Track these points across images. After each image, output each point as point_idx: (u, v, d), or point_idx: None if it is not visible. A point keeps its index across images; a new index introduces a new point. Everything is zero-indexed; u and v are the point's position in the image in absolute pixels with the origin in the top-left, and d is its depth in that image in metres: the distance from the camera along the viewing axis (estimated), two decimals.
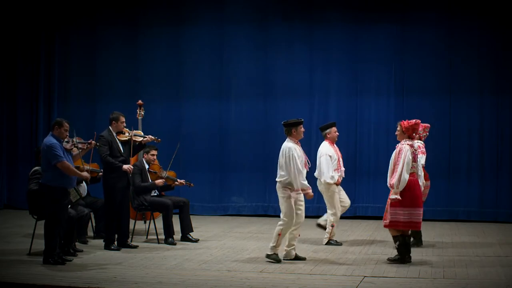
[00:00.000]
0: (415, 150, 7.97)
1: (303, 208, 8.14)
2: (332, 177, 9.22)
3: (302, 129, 8.26)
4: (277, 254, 8.07)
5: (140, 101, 10.20)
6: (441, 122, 12.01)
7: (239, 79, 12.90)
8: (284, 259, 8.11)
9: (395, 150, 7.96)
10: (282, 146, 8.14)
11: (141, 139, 9.18)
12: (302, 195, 8.12)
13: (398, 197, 7.75)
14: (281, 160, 8.05)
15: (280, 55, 12.74)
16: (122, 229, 8.99)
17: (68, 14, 13.53)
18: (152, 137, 9.21)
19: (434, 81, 12.15)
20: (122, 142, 9.00)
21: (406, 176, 7.76)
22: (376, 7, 12.36)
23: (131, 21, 13.30)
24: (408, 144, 7.91)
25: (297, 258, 8.18)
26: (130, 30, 13.30)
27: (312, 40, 12.61)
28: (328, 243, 9.27)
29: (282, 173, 8.01)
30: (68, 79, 13.59)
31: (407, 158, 7.77)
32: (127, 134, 9.04)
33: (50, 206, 7.80)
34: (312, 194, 8.23)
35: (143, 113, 10.44)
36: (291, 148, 8.01)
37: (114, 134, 8.97)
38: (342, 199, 9.50)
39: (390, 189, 7.84)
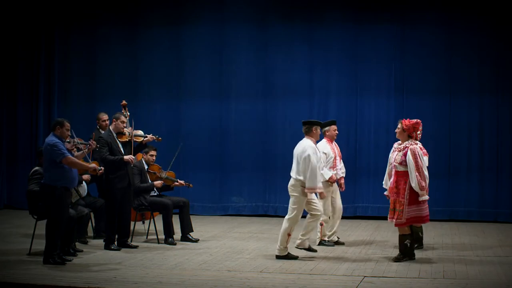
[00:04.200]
0: (421, 148, 8.14)
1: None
2: (321, 175, 9.18)
3: (319, 132, 8.48)
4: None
5: (124, 102, 10.05)
6: (441, 122, 12.02)
7: (239, 79, 12.89)
8: (297, 247, 8.35)
9: (407, 153, 7.97)
10: (303, 144, 8.25)
11: (141, 139, 9.18)
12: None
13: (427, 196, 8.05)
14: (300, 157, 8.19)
15: (280, 55, 12.73)
16: (122, 229, 9.00)
17: (68, 14, 13.53)
18: (153, 136, 9.21)
19: (434, 81, 12.14)
20: (123, 143, 9.00)
21: (427, 175, 8.00)
22: (376, 7, 12.36)
23: (131, 21, 13.29)
24: (414, 143, 8.05)
25: (310, 249, 8.39)
26: (130, 30, 13.30)
27: (312, 40, 12.61)
28: (320, 243, 9.22)
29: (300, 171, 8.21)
30: (68, 79, 13.58)
31: (423, 159, 8.00)
32: (127, 134, 9.04)
33: (52, 206, 7.81)
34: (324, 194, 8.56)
35: (128, 113, 10.31)
36: (311, 147, 8.21)
37: (115, 135, 8.97)
38: (333, 198, 9.39)
39: (421, 191, 7.92)
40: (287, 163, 12.48)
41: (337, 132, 9.56)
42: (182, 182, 9.86)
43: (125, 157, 8.79)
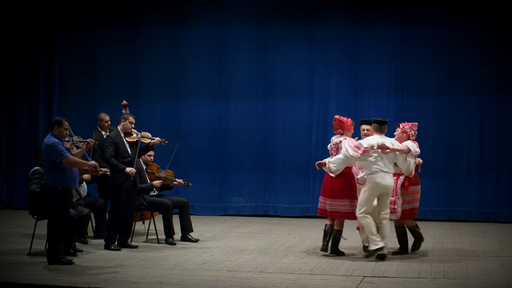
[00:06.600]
0: (334, 144, 8.63)
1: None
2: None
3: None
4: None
5: (124, 102, 10.01)
6: (441, 122, 12.01)
7: (239, 79, 12.89)
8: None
9: None
10: None
11: (148, 141, 9.19)
12: None
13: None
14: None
15: (280, 55, 12.72)
16: (124, 229, 9.00)
17: (68, 14, 13.52)
18: (160, 139, 9.21)
19: (434, 81, 12.14)
20: (130, 143, 9.01)
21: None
22: (376, 7, 12.35)
23: (131, 21, 13.29)
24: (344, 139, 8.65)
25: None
26: (130, 30, 13.29)
27: (312, 40, 12.61)
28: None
29: None
30: (68, 79, 13.58)
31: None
32: (135, 135, 9.05)
33: (54, 207, 7.80)
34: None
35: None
36: None
37: (122, 135, 8.98)
38: None
39: None
40: (287, 163, 12.62)
41: (365, 132, 9.35)
42: (181, 181, 9.86)
43: (127, 169, 8.80)
